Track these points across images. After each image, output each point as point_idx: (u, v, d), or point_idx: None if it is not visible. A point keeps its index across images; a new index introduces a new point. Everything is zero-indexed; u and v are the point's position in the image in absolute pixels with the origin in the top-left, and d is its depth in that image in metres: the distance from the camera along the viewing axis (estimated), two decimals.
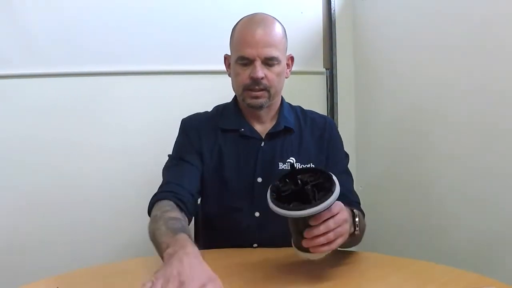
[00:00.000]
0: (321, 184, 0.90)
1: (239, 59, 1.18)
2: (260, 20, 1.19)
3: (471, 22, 1.58)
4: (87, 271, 1.07)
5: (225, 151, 1.24)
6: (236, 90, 1.25)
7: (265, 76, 1.18)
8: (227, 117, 1.28)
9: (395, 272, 1.04)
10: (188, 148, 1.24)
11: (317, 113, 1.36)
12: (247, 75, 1.18)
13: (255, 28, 1.17)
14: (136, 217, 1.79)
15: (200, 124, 1.28)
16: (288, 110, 1.31)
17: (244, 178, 1.22)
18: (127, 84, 1.79)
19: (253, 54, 1.16)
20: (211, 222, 1.28)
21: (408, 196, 1.90)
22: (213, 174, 1.23)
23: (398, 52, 1.91)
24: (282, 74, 1.23)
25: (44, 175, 1.70)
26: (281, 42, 1.20)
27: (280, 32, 1.21)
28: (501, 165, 1.51)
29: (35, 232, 1.69)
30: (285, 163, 1.23)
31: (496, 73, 1.50)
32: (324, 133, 1.29)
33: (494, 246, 1.54)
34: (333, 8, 2.09)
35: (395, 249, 1.94)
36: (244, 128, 1.25)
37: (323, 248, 0.90)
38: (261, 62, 1.17)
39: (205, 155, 1.24)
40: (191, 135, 1.26)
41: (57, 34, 1.67)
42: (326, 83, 2.12)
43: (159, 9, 1.79)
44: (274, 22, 1.21)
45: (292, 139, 1.27)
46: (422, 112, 1.81)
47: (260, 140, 1.25)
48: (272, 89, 1.20)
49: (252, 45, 1.16)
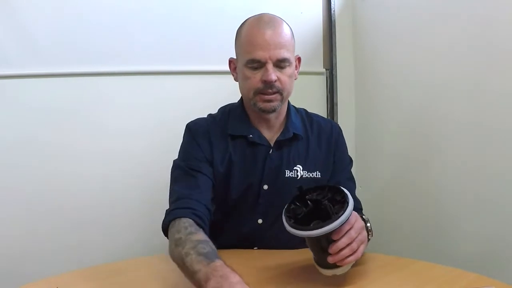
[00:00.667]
0: (332, 198, 0.92)
1: (249, 62, 1.13)
2: (268, 21, 1.15)
3: (472, 23, 1.58)
4: (87, 271, 1.07)
5: (234, 158, 1.20)
6: (246, 94, 1.19)
7: (278, 78, 1.13)
8: (235, 122, 1.23)
9: (395, 271, 1.04)
10: (198, 155, 1.19)
11: (322, 117, 1.34)
12: (259, 79, 1.13)
13: (265, 29, 1.13)
14: (136, 218, 1.81)
15: (209, 130, 1.22)
16: (295, 115, 1.27)
17: (250, 185, 1.20)
18: (127, 85, 1.78)
19: (265, 57, 1.12)
20: (213, 224, 1.27)
21: (408, 197, 1.90)
22: (220, 180, 1.20)
23: (398, 53, 1.91)
24: (293, 76, 1.19)
25: (44, 176, 1.69)
26: (290, 43, 1.17)
27: (289, 33, 1.17)
28: (502, 165, 1.51)
29: (35, 233, 1.68)
30: (292, 171, 1.21)
31: (501, 73, 1.50)
32: (331, 138, 1.27)
33: (498, 249, 1.54)
34: (333, 8, 2.09)
35: (395, 249, 1.94)
36: (253, 135, 1.21)
37: (349, 259, 0.90)
38: (273, 64, 1.13)
39: (216, 162, 1.19)
40: (201, 142, 1.20)
41: (58, 34, 1.66)
42: (326, 84, 2.12)
43: (159, 9, 1.78)
44: (282, 23, 1.17)
45: (299, 146, 1.24)
46: (423, 113, 1.81)
47: (268, 147, 1.21)
48: (285, 91, 1.16)
49: (263, 47, 1.11)
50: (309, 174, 1.22)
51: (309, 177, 1.21)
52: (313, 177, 1.22)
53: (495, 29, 1.50)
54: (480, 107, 1.58)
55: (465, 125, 1.64)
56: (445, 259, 1.68)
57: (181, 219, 1.04)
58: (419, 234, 1.84)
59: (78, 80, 1.71)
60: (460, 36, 1.63)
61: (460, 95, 1.65)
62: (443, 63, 1.71)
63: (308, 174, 1.21)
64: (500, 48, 1.50)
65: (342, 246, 0.89)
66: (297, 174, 1.21)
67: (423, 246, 1.81)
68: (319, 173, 1.22)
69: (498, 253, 1.53)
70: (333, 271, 0.93)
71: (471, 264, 1.54)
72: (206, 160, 1.19)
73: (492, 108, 1.54)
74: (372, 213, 2.02)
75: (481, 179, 1.59)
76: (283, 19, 1.20)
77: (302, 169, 1.21)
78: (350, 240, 0.90)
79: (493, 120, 1.54)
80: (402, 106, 1.90)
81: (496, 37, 1.51)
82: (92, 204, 1.75)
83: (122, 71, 1.76)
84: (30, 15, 1.63)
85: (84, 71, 1.71)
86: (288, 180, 1.20)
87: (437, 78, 1.73)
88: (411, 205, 1.88)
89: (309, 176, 1.21)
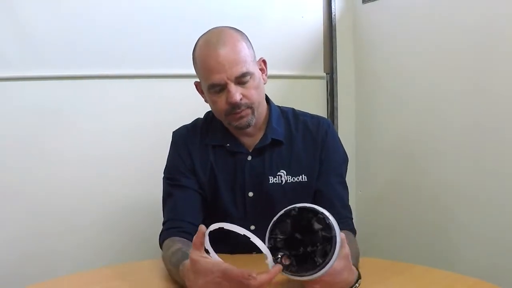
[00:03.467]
0: (318, 233, 0.81)
1: (210, 87, 1.11)
2: (216, 41, 1.09)
3: (473, 26, 1.58)
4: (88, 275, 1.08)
5: (216, 167, 1.19)
6: (218, 116, 1.18)
7: (243, 95, 1.09)
8: (214, 131, 1.22)
9: (394, 276, 1.04)
10: (180, 167, 1.20)
11: (310, 115, 1.27)
12: (224, 101, 1.10)
13: (216, 49, 1.08)
14: (136, 220, 1.81)
15: (189, 139, 1.22)
16: (277, 119, 1.22)
17: (236, 193, 1.19)
18: (126, 88, 1.77)
19: (223, 78, 1.07)
20: (209, 234, 1.26)
21: (409, 201, 1.90)
22: (207, 190, 1.20)
23: (399, 56, 1.91)
24: (260, 85, 1.14)
25: (44, 177, 1.69)
26: (247, 53, 1.11)
27: (242, 43, 1.12)
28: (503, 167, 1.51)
29: (34, 235, 1.68)
30: (276, 177, 1.19)
31: (501, 75, 1.51)
32: (317, 137, 1.21)
33: (499, 252, 1.54)
34: (333, 13, 2.09)
35: (394, 252, 1.94)
36: (230, 143, 1.19)
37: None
38: (234, 83, 1.08)
39: (198, 172, 1.19)
40: (181, 152, 1.21)
41: (57, 37, 1.66)
42: (326, 88, 2.12)
43: (157, 13, 1.78)
44: (232, 35, 1.12)
45: (282, 150, 1.20)
46: (423, 117, 1.81)
47: (246, 154, 1.19)
48: (255, 104, 1.13)
49: (218, 69, 1.07)
50: (294, 178, 1.19)
51: (294, 181, 1.19)
52: (299, 181, 1.19)
53: (496, 31, 1.51)
54: (480, 109, 1.58)
55: (465, 127, 1.64)
56: (445, 263, 1.68)
57: (168, 239, 1.10)
58: (419, 237, 1.84)
59: (76, 82, 1.71)
60: (461, 40, 1.63)
61: (460, 98, 1.65)
62: (443, 67, 1.71)
63: (292, 179, 1.19)
64: (500, 50, 1.50)
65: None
66: (281, 180, 1.19)
67: (423, 248, 1.81)
68: (305, 176, 1.19)
69: (499, 256, 1.53)
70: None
71: (471, 268, 1.54)
72: (189, 171, 1.19)
73: (492, 109, 1.54)
74: (372, 217, 2.04)
75: (482, 181, 1.59)
76: (233, 26, 1.15)
77: (286, 174, 1.19)
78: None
79: (493, 122, 1.54)
80: (403, 110, 1.91)
81: (496, 39, 1.51)
82: (93, 206, 1.75)
83: (121, 74, 1.76)
84: (30, 18, 1.63)
85: (83, 73, 1.71)
86: (272, 186, 1.18)
87: (438, 81, 1.73)
88: (412, 209, 1.88)
89: (294, 181, 1.19)
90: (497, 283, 0.95)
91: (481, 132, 1.59)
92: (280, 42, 1.95)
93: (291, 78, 2.03)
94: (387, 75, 1.98)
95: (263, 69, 1.19)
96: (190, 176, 1.19)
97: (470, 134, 1.62)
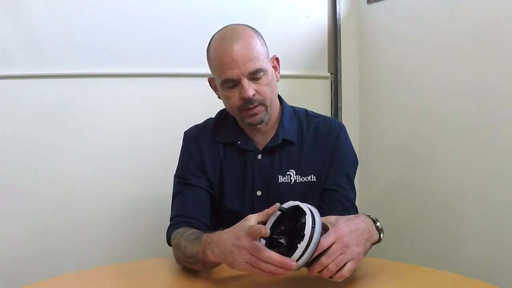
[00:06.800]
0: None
1: (223, 82, 1.12)
2: (231, 36, 1.11)
3: (477, 27, 1.58)
4: (89, 273, 1.08)
5: (226, 165, 1.21)
6: (231, 112, 1.19)
7: (256, 91, 1.11)
8: (226, 129, 1.23)
9: (398, 277, 1.04)
10: (191, 167, 1.21)
11: (323, 117, 1.27)
12: (238, 97, 1.11)
13: (230, 45, 1.09)
14: (137, 220, 1.81)
15: (200, 138, 1.23)
16: (289, 118, 1.23)
17: (244, 191, 1.20)
18: (129, 87, 1.77)
19: (237, 74, 1.09)
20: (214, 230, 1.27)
21: (412, 202, 1.90)
22: (215, 188, 1.21)
23: (403, 57, 1.91)
24: (273, 82, 1.16)
25: (46, 176, 1.69)
26: (261, 50, 1.13)
27: (256, 40, 1.13)
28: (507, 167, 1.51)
29: (34, 234, 1.69)
30: (285, 176, 1.19)
31: (504, 76, 1.50)
32: (328, 140, 1.21)
33: (503, 253, 1.54)
34: (338, 13, 2.09)
35: (397, 252, 1.94)
36: (241, 141, 1.20)
37: (335, 277, 0.89)
38: (248, 79, 1.10)
39: (209, 171, 1.20)
40: (192, 152, 1.22)
41: (60, 35, 1.66)
42: (331, 88, 2.12)
43: (160, 12, 1.78)
44: (246, 32, 1.13)
45: (292, 150, 1.21)
46: (427, 117, 1.81)
47: (256, 152, 1.20)
48: (267, 101, 1.14)
49: (232, 65, 1.09)
50: (303, 178, 1.20)
51: (304, 181, 1.20)
52: (308, 181, 1.20)
53: (499, 32, 1.51)
54: (484, 110, 1.58)
55: (469, 127, 1.64)
56: (449, 263, 1.68)
57: (179, 228, 1.11)
58: (422, 237, 1.84)
59: (81, 81, 1.71)
60: (465, 41, 1.63)
61: (464, 98, 1.65)
62: (448, 67, 1.71)
63: (302, 178, 1.20)
64: (504, 51, 1.50)
65: (318, 270, 0.88)
66: (291, 179, 1.19)
67: (426, 249, 1.81)
68: (314, 176, 1.20)
69: (503, 257, 1.53)
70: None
71: (476, 268, 1.54)
72: (200, 170, 1.20)
73: (495, 110, 1.54)
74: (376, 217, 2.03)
75: (485, 182, 1.59)
76: (249, 25, 1.16)
77: (295, 173, 1.19)
78: (322, 267, 0.87)
79: (497, 123, 1.54)
80: (407, 110, 1.91)
81: (499, 40, 1.51)
82: (94, 206, 1.75)
83: (127, 73, 1.76)
84: (35, 16, 1.63)
85: (88, 72, 1.71)
86: (281, 185, 1.19)
87: (442, 82, 1.73)
88: (416, 210, 1.88)
89: (303, 180, 1.20)
90: (500, 284, 0.95)
91: (485, 133, 1.58)
92: (285, 42, 1.94)
93: (295, 78, 2.03)
94: (391, 75, 1.98)
95: (276, 67, 1.20)
96: (201, 175, 1.20)
97: (474, 135, 1.62)
